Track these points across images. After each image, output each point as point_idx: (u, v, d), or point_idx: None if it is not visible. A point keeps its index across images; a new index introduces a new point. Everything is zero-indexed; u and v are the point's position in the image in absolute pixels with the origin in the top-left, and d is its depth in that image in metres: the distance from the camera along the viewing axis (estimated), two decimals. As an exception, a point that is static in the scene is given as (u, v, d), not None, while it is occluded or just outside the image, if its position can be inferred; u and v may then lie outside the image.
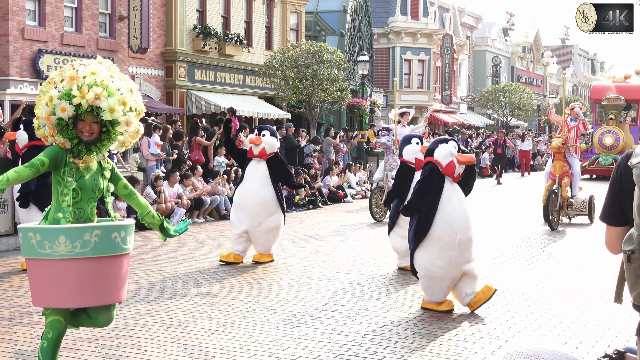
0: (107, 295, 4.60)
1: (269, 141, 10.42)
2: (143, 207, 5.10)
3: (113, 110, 4.52)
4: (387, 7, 43.31)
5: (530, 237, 13.44)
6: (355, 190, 21.40)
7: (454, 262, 7.49)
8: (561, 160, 14.61)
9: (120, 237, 4.58)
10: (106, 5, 21.49)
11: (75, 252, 4.41)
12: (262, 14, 28.53)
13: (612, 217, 3.30)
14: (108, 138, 4.67)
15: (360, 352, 6.20)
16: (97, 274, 4.51)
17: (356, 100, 27.18)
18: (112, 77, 4.61)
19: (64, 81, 4.54)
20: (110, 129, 4.62)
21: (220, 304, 7.87)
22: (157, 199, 14.54)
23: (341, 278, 9.39)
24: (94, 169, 4.75)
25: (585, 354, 6.24)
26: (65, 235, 4.42)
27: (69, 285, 4.45)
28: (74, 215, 4.64)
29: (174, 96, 24.17)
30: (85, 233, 4.44)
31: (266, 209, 10.36)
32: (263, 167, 10.44)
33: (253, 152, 10.46)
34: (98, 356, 6.01)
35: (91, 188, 4.71)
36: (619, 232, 3.27)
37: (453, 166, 7.61)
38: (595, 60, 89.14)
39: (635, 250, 3.05)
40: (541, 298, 8.34)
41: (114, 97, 4.53)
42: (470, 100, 52.79)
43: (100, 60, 4.72)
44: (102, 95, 4.47)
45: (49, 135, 4.61)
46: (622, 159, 3.29)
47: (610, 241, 3.33)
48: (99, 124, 4.60)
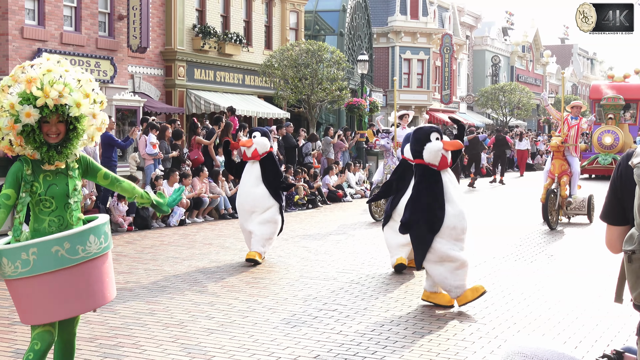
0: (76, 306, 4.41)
1: (260, 142, 10.64)
2: (129, 191, 4.86)
3: (80, 105, 4.34)
4: (386, 7, 43.30)
5: (530, 236, 13.44)
6: (354, 189, 21.41)
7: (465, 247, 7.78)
8: (560, 159, 14.60)
9: (65, 248, 4.27)
10: (105, 5, 21.48)
11: (18, 272, 4.25)
12: (262, 13, 28.53)
13: (612, 217, 3.30)
14: (76, 136, 4.46)
15: (360, 352, 6.20)
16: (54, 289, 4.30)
17: (355, 99, 27.19)
18: (68, 71, 4.43)
19: (20, 85, 4.32)
20: (77, 126, 4.43)
21: (220, 304, 7.87)
22: (156, 198, 14.53)
23: (340, 277, 9.40)
24: (63, 173, 4.52)
25: (584, 353, 6.24)
26: (5, 256, 4.27)
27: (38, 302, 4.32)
28: (55, 224, 4.46)
29: (173, 95, 24.17)
30: (22, 252, 4.24)
31: (259, 206, 10.55)
32: (256, 168, 10.67)
33: (247, 155, 10.72)
34: (97, 355, 6.01)
35: (64, 193, 4.49)
36: (620, 231, 3.27)
37: (445, 159, 7.67)
38: (595, 59, 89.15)
39: (636, 250, 3.04)
40: (540, 297, 8.34)
41: (77, 92, 4.35)
42: (470, 100, 52.79)
43: (48, 57, 4.49)
44: (64, 91, 4.29)
45: (16, 145, 4.41)
46: (622, 158, 3.29)
47: (610, 240, 3.32)
48: (64, 122, 4.40)
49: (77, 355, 6.00)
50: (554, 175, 14.62)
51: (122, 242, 12.51)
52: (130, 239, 12.91)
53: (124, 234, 13.52)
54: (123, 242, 12.44)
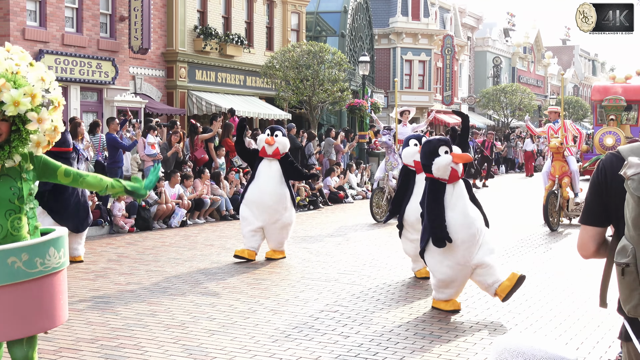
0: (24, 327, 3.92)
1: (282, 141, 10.73)
2: (95, 185, 4.45)
3: (18, 104, 3.86)
4: (387, 8, 43.30)
5: (531, 238, 13.44)
6: (356, 191, 21.40)
7: (461, 261, 7.46)
8: (560, 161, 14.61)
9: (22, 260, 3.81)
10: (107, 6, 21.48)
11: None
12: (263, 14, 28.54)
13: (591, 218, 3.21)
14: (19, 138, 3.98)
15: (361, 353, 6.19)
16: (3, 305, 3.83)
17: (357, 100, 27.20)
18: (19, 65, 3.99)
19: None
20: (20, 127, 3.95)
21: (221, 305, 7.87)
22: (157, 199, 14.55)
23: (342, 279, 9.40)
24: (10, 175, 4.05)
25: (586, 354, 6.24)
26: None
27: None
28: None
29: (174, 97, 24.17)
30: None
31: (282, 206, 10.69)
32: (276, 166, 10.73)
33: (266, 152, 10.70)
34: (99, 357, 6.01)
35: (7, 198, 4.00)
36: (595, 232, 3.19)
37: (455, 172, 7.51)
38: (596, 60, 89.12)
39: (630, 263, 2.96)
40: (542, 299, 8.34)
41: (20, 89, 3.88)
42: (471, 101, 52.78)
43: (8, 47, 4.11)
44: (4, 87, 3.83)
45: None
46: (607, 161, 3.19)
47: (583, 241, 3.22)
48: (7, 122, 3.94)
49: (78, 356, 6.00)
50: (555, 177, 14.62)
51: (124, 243, 12.52)
52: (132, 240, 12.91)
53: (125, 235, 13.53)
54: (124, 244, 12.45)
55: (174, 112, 23.15)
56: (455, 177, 7.52)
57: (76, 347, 6.22)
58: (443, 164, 7.42)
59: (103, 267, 10.12)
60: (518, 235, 13.69)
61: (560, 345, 2.64)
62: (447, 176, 7.46)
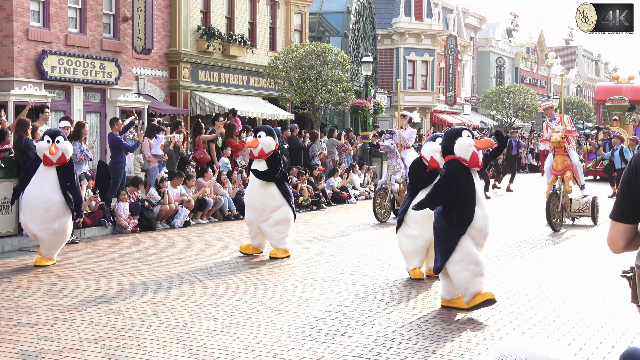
0: None
1: (266, 141, 10.84)
2: None
3: None
4: (390, 8, 43.31)
5: (534, 238, 13.42)
6: (359, 191, 21.40)
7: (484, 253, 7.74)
8: (562, 155, 14.63)
9: None
10: (110, 6, 21.51)
11: None
12: (266, 14, 28.55)
13: (622, 214, 3.25)
14: None
15: (364, 353, 6.19)
16: None
17: (360, 101, 27.17)
18: None
19: None
20: None
21: (224, 305, 7.87)
22: (161, 199, 14.56)
23: (345, 279, 9.39)
24: None
25: (589, 355, 6.23)
26: None
27: None
28: None
29: (177, 97, 24.19)
30: None
31: (270, 204, 10.85)
32: (263, 166, 10.89)
33: (253, 154, 10.96)
34: (102, 357, 6.01)
35: None
36: (625, 229, 3.23)
37: (476, 156, 7.60)
38: (600, 61, 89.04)
39: None
40: (545, 299, 8.33)
41: None
42: (474, 101, 52.76)
43: None
44: None
45: None
46: (638, 158, 3.25)
47: (613, 237, 3.26)
48: None
49: (82, 356, 6.01)
50: (557, 172, 14.64)
51: (127, 243, 12.53)
52: (135, 240, 12.92)
53: (128, 235, 13.54)
54: (127, 244, 12.46)
55: (177, 113, 23.16)
56: (476, 162, 7.59)
57: (79, 347, 6.22)
58: (465, 142, 7.58)
59: (106, 267, 10.13)
60: (521, 235, 13.67)
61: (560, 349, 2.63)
62: (467, 157, 7.54)
